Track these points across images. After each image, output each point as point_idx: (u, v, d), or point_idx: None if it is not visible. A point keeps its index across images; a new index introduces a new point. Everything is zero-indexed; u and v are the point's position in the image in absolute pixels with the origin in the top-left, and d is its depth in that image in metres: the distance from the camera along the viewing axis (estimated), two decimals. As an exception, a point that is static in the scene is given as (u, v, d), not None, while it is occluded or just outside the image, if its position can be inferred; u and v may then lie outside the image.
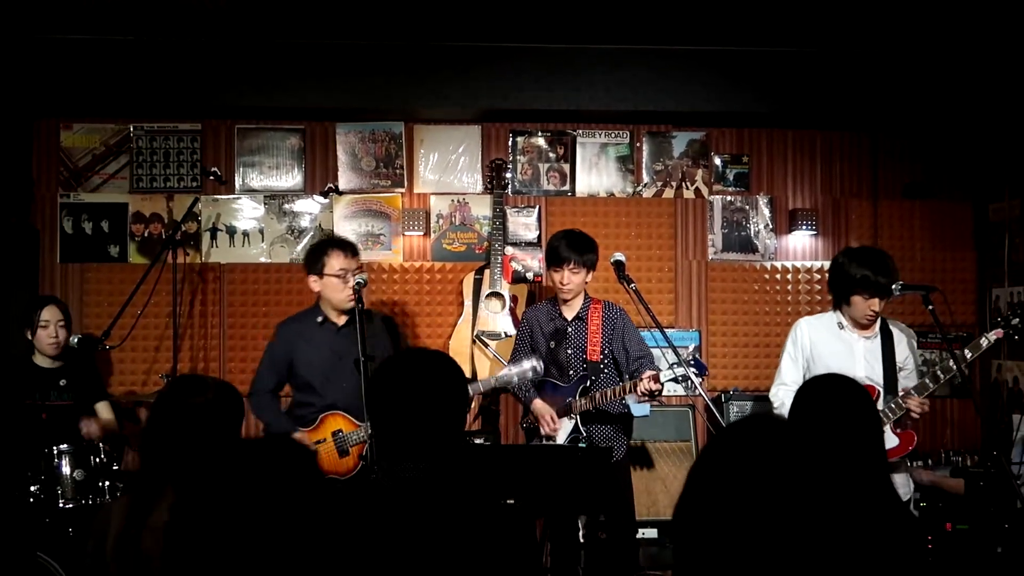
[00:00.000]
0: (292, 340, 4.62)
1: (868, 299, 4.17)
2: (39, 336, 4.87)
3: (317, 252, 4.60)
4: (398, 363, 2.45)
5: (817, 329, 4.37)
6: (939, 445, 5.99)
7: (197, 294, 5.89)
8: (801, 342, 4.37)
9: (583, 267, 4.58)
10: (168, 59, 5.53)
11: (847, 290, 4.23)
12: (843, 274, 4.23)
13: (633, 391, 4.37)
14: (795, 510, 1.53)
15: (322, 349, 4.56)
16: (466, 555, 2.14)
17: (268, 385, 4.63)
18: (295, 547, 1.62)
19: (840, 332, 4.31)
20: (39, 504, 4.35)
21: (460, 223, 6.02)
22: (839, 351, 4.28)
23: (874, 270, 4.14)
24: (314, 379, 4.55)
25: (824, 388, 2.76)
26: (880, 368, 4.24)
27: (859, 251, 4.38)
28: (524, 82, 5.65)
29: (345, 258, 4.52)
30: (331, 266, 4.50)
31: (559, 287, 4.62)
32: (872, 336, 4.30)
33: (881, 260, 4.21)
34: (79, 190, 5.91)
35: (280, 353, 4.62)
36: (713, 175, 6.13)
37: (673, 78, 5.68)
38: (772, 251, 6.13)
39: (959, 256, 6.18)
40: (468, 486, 2.29)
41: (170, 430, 2.60)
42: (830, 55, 5.67)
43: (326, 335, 4.59)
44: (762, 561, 1.52)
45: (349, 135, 6.01)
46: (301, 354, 4.58)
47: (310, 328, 4.61)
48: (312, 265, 4.57)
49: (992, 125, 5.96)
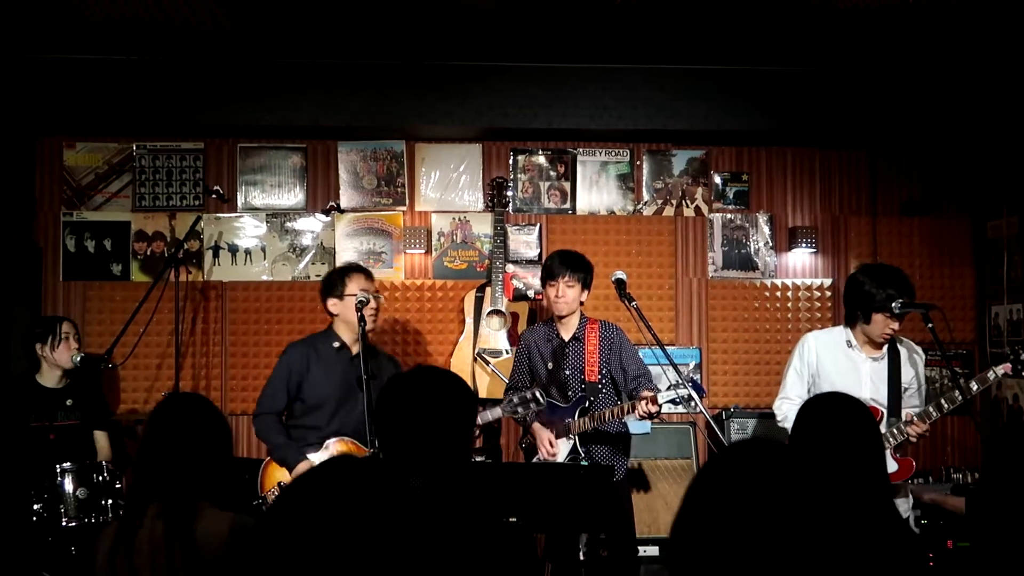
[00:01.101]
0: (303, 362, 4.61)
1: (890, 319, 4.13)
2: (60, 349, 4.87)
3: (337, 276, 4.65)
4: (407, 379, 2.45)
5: (825, 344, 4.32)
6: (940, 462, 6.00)
7: (199, 312, 5.91)
8: (808, 357, 4.33)
9: (577, 282, 4.61)
10: (170, 78, 5.56)
11: (869, 309, 4.16)
12: (864, 293, 4.15)
13: (632, 412, 4.37)
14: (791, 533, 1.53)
15: (335, 375, 4.58)
16: (469, 572, 2.15)
17: (277, 406, 4.60)
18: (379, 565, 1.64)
19: (848, 350, 4.27)
20: (42, 522, 4.35)
21: (461, 241, 6.04)
22: (845, 370, 4.25)
23: (899, 290, 4.09)
24: (325, 403, 4.56)
25: (827, 406, 2.77)
26: (885, 390, 4.21)
27: (879, 269, 4.29)
28: (525, 100, 5.69)
29: (365, 280, 4.60)
30: (351, 288, 4.55)
31: (554, 302, 4.64)
32: (880, 357, 4.25)
33: (903, 279, 4.16)
34: (82, 208, 5.94)
35: (289, 373, 4.61)
36: (713, 193, 6.16)
37: (673, 96, 5.71)
38: (772, 268, 6.15)
39: (957, 273, 6.20)
40: (471, 503, 2.29)
41: (167, 447, 2.59)
42: (829, 73, 5.71)
43: (341, 361, 4.60)
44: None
45: (351, 153, 6.04)
46: (313, 376, 4.59)
47: (326, 352, 4.62)
48: (332, 289, 4.62)
49: (990, 142, 5.99)
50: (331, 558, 1.63)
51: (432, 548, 2.14)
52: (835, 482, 2.57)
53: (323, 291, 4.68)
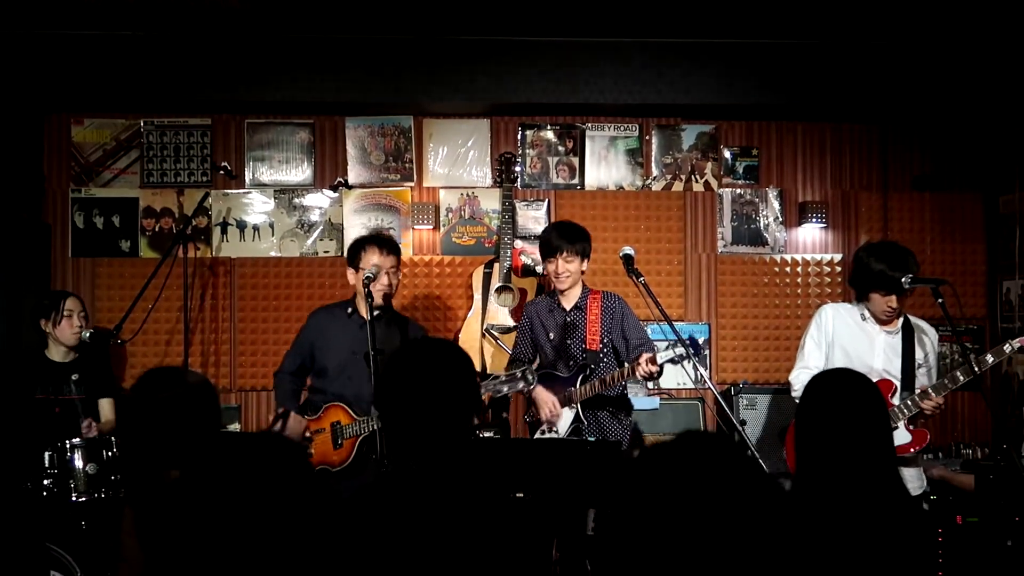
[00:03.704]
0: (319, 327, 4.74)
1: (885, 296, 4.17)
2: (63, 326, 4.95)
3: (356, 246, 4.68)
4: (407, 354, 2.45)
5: (841, 316, 4.38)
6: (950, 438, 5.99)
7: (208, 288, 5.92)
8: (825, 326, 4.37)
9: (576, 255, 4.63)
10: (178, 54, 5.54)
11: (866, 286, 4.24)
12: (863, 269, 4.23)
13: (632, 375, 4.37)
14: (710, 527, 1.49)
15: (343, 340, 4.65)
16: (476, 548, 2.15)
17: (291, 367, 4.77)
18: (282, 541, 1.63)
19: (863, 323, 4.32)
20: (52, 498, 4.38)
21: (469, 217, 6.03)
22: (860, 341, 4.30)
23: (891, 265, 4.13)
24: (329, 367, 4.66)
25: (833, 383, 2.76)
26: (899, 363, 4.24)
27: (879, 246, 4.36)
28: (533, 75, 5.65)
29: (380, 255, 4.57)
30: (366, 261, 4.57)
31: (555, 277, 4.67)
32: (894, 331, 4.29)
33: (899, 255, 4.17)
34: (90, 185, 5.94)
35: (306, 337, 4.76)
36: (722, 168, 6.13)
37: (682, 71, 5.67)
38: (782, 244, 6.12)
39: (969, 248, 6.17)
40: (478, 479, 2.29)
41: (140, 426, 2.58)
42: (839, 47, 5.65)
43: (351, 327, 4.65)
44: None
45: (358, 129, 6.02)
46: (323, 341, 4.69)
47: (339, 318, 4.71)
48: (351, 258, 4.67)
49: (1002, 116, 5.93)
50: None
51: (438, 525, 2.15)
52: (842, 456, 2.57)
53: (348, 259, 4.75)
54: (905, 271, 4.12)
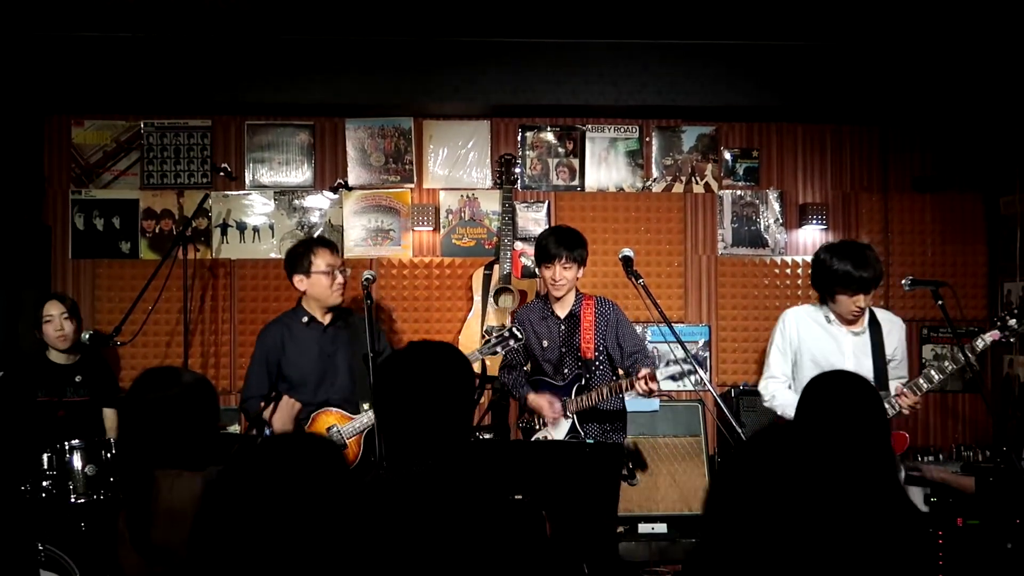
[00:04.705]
0: (278, 342, 4.64)
1: (852, 295, 4.09)
2: (45, 331, 4.96)
3: (301, 251, 4.62)
4: (404, 357, 2.44)
5: (805, 321, 4.28)
6: (950, 440, 5.98)
7: (208, 290, 5.92)
8: (789, 334, 4.29)
9: (574, 262, 4.54)
10: (178, 55, 5.54)
11: (830, 287, 4.15)
12: (824, 270, 4.13)
13: (631, 390, 4.32)
14: (810, 515, 1.54)
15: (310, 349, 4.61)
16: (475, 550, 2.15)
17: (259, 389, 4.57)
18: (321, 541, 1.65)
19: (828, 326, 4.24)
20: (51, 499, 4.38)
21: (469, 218, 6.02)
22: (827, 344, 4.22)
23: (855, 265, 4.03)
24: (306, 379, 4.58)
25: (832, 385, 2.75)
26: (870, 363, 4.17)
27: (839, 246, 4.24)
28: (533, 77, 5.65)
29: (331, 255, 4.59)
30: (318, 264, 4.56)
31: (551, 284, 4.59)
32: (860, 331, 4.22)
33: (862, 254, 4.08)
34: (90, 186, 5.94)
35: (266, 356, 4.64)
36: (723, 169, 6.12)
37: (682, 72, 5.67)
38: (782, 245, 6.12)
39: (969, 250, 6.16)
40: (476, 481, 2.29)
41: (135, 425, 2.58)
42: (839, 48, 5.65)
43: (313, 335, 4.63)
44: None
45: (358, 131, 6.02)
46: (289, 355, 4.62)
47: (296, 329, 4.64)
48: (297, 264, 4.60)
49: (1002, 118, 5.92)
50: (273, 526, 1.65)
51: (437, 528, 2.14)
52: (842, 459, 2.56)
53: (288, 267, 4.66)
54: (869, 269, 4.05)
